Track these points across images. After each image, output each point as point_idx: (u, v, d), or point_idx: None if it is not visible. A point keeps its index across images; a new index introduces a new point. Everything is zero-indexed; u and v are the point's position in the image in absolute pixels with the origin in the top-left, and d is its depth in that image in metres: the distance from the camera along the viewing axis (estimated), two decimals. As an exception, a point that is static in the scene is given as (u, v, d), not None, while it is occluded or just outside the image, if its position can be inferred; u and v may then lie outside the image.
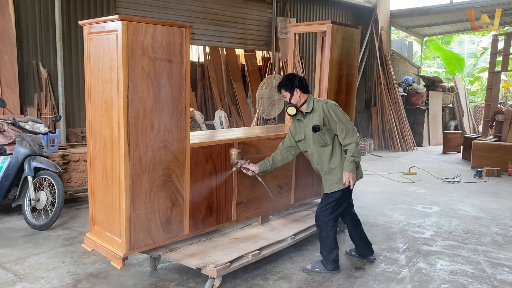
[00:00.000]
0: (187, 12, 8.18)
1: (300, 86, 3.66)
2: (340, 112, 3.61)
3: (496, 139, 9.35)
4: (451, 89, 13.51)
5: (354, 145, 3.55)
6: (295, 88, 3.65)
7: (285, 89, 3.71)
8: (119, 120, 3.05)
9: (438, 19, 12.90)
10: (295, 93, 3.65)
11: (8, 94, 6.22)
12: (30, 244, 4.33)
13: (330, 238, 3.73)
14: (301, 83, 3.67)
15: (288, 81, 3.69)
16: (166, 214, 3.38)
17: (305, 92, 3.68)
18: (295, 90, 3.65)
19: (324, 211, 3.73)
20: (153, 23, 3.11)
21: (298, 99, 3.67)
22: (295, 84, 3.65)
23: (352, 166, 3.57)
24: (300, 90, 3.65)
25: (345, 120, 3.59)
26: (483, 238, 4.86)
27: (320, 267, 3.79)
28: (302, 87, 3.66)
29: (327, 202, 3.73)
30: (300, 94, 3.66)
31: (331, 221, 3.72)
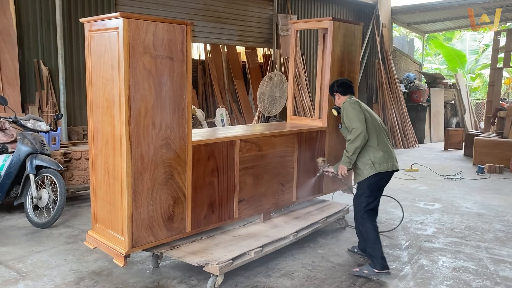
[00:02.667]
0: (188, 10, 8.18)
1: (339, 90, 4.12)
2: (351, 111, 3.83)
3: (498, 135, 9.33)
4: (452, 85, 13.49)
5: (349, 143, 3.79)
6: (334, 92, 4.15)
7: (330, 94, 4.30)
8: (121, 118, 3.05)
9: (439, 15, 12.86)
10: (336, 97, 4.15)
11: (9, 92, 6.23)
12: (32, 242, 4.34)
13: (369, 231, 3.80)
14: (339, 88, 4.11)
15: (330, 88, 4.26)
16: (168, 212, 3.38)
17: (344, 94, 4.09)
18: (335, 94, 4.15)
19: (356, 206, 3.91)
20: (155, 20, 3.11)
21: (338, 101, 4.14)
22: (334, 89, 4.15)
23: (343, 159, 3.87)
24: (339, 93, 4.11)
25: (353, 118, 3.79)
26: (486, 234, 4.85)
27: (368, 269, 3.72)
28: (341, 91, 4.11)
29: (356, 194, 3.96)
30: (339, 97, 4.11)
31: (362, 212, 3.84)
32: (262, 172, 4.13)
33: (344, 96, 4.10)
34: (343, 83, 4.13)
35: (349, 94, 4.10)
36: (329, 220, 4.58)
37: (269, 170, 4.20)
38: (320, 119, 4.88)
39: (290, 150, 4.43)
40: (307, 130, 4.61)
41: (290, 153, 4.43)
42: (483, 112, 13.52)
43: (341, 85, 4.11)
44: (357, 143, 3.73)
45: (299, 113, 9.32)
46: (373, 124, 3.87)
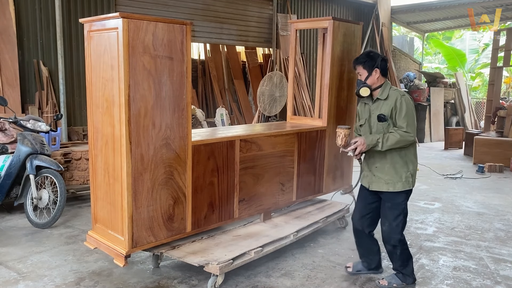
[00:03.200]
0: (187, 9, 8.18)
1: (382, 66, 3.30)
2: (411, 109, 3.25)
3: (498, 134, 9.33)
4: (452, 85, 13.48)
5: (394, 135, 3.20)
6: (376, 67, 3.28)
7: (363, 67, 3.32)
8: (121, 118, 3.05)
9: (439, 14, 12.86)
10: (374, 73, 3.29)
11: (9, 92, 6.23)
12: (32, 243, 4.34)
13: (404, 253, 3.45)
14: (383, 64, 3.31)
15: (368, 58, 3.31)
16: (168, 212, 3.38)
17: (384, 75, 3.33)
18: (374, 69, 3.28)
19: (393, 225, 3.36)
20: (154, 20, 3.10)
21: (375, 80, 3.30)
22: (377, 63, 3.28)
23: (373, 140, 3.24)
24: (380, 71, 3.30)
25: (411, 121, 3.23)
26: (486, 234, 4.85)
27: (397, 282, 3.49)
28: (384, 69, 3.31)
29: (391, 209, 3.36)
30: (378, 76, 3.30)
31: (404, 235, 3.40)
32: (262, 172, 4.13)
33: (383, 77, 3.34)
34: (387, 60, 3.37)
35: (386, 76, 3.38)
36: (329, 220, 4.58)
37: (269, 170, 4.20)
38: (320, 119, 4.88)
39: (290, 150, 4.42)
40: (307, 130, 4.61)
41: (290, 153, 4.43)
42: (483, 111, 13.52)
43: (385, 62, 3.34)
44: (400, 144, 3.23)
45: (299, 112, 9.32)
46: None
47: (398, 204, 3.34)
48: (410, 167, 3.33)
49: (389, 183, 3.33)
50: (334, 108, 4.83)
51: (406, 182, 3.32)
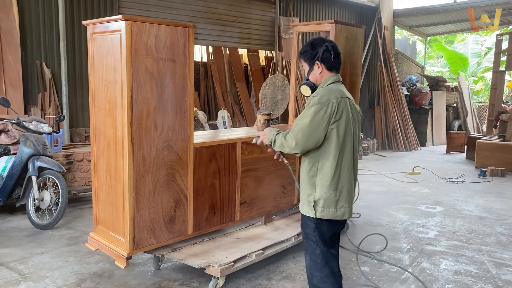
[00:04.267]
0: (190, 12, 8.19)
1: (324, 58, 2.62)
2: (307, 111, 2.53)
3: (500, 138, 9.32)
4: (455, 88, 13.47)
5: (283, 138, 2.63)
6: (316, 60, 2.63)
7: (304, 59, 2.70)
8: (123, 120, 3.06)
9: (441, 18, 12.86)
10: (315, 67, 2.65)
11: (12, 94, 6.24)
12: (34, 244, 4.35)
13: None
14: (327, 55, 2.61)
15: (309, 48, 2.66)
16: (169, 214, 3.39)
17: (330, 69, 2.65)
18: (315, 63, 2.64)
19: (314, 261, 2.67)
20: (157, 23, 3.12)
21: (317, 77, 2.67)
22: (318, 54, 2.61)
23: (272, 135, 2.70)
24: (323, 64, 2.63)
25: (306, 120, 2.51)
26: (487, 238, 4.84)
27: None
28: (327, 60, 2.62)
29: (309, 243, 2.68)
30: (322, 70, 2.64)
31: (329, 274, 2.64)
32: (263, 175, 4.13)
33: (330, 71, 2.65)
34: (335, 50, 2.63)
35: (335, 70, 2.67)
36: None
37: (271, 172, 4.20)
38: (322, 122, 4.87)
39: (292, 153, 4.42)
40: (309, 133, 4.60)
41: (292, 155, 4.41)
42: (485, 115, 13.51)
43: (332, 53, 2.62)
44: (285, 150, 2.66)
45: (301, 115, 9.30)
46: (338, 146, 2.54)
47: (308, 234, 2.66)
48: (316, 191, 2.58)
49: (301, 203, 2.70)
50: (336, 111, 4.82)
51: (309, 207, 2.60)
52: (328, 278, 2.63)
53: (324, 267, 2.63)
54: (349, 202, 2.65)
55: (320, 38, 2.70)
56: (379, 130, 11.62)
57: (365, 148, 10.35)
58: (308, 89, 2.70)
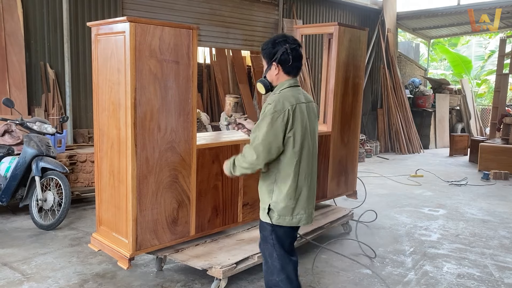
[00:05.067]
0: (194, 14, 8.21)
1: (282, 60, 2.53)
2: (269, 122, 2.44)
3: (503, 141, 9.29)
4: (458, 91, 13.45)
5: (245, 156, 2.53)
6: (274, 61, 2.54)
7: (263, 56, 2.62)
8: (127, 121, 3.07)
9: (445, 21, 12.84)
10: (272, 67, 2.56)
11: (16, 94, 6.27)
12: (37, 244, 4.36)
13: None
14: (285, 57, 2.52)
15: (269, 46, 2.57)
16: (172, 215, 3.39)
17: (287, 73, 2.57)
18: (273, 63, 2.55)
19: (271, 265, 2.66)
20: (161, 24, 3.13)
21: (274, 77, 2.60)
22: (276, 55, 2.52)
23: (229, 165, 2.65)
24: (280, 66, 2.55)
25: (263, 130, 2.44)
26: (491, 241, 4.83)
27: None
28: (284, 63, 2.53)
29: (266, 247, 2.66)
30: (279, 72, 2.56)
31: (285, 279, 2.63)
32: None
33: (287, 75, 2.57)
34: (295, 53, 2.53)
35: (292, 75, 2.59)
36: (333, 225, 4.57)
37: None
38: (325, 124, 4.88)
39: (295, 155, 4.42)
40: (312, 135, 4.60)
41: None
42: (488, 118, 13.47)
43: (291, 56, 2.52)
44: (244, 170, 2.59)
45: (304, 117, 9.30)
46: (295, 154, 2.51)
47: (266, 237, 2.65)
48: (273, 198, 2.56)
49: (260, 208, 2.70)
50: (339, 113, 4.83)
51: (264, 213, 2.61)
52: (284, 283, 2.62)
53: (280, 272, 2.62)
54: (306, 209, 2.63)
55: (284, 36, 2.60)
56: (382, 132, 11.61)
57: (368, 151, 10.34)
58: (263, 87, 2.62)
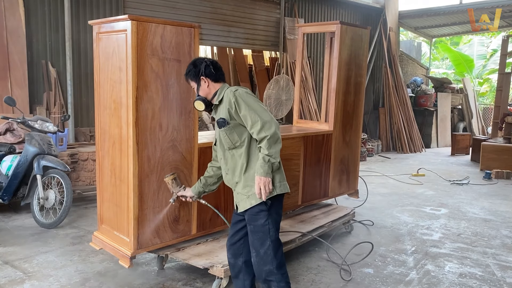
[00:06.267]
0: (195, 12, 8.20)
1: (208, 73, 2.80)
2: (252, 100, 2.70)
3: (505, 141, 9.27)
4: (460, 90, 13.42)
5: (271, 140, 2.61)
6: (201, 76, 2.80)
7: (190, 78, 2.87)
8: (128, 119, 3.07)
9: (447, 20, 12.81)
10: (202, 82, 2.81)
11: (17, 93, 6.27)
12: (38, 243, 4.36)
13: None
14: (208, 70, 2.80)
15: (192, 67, 2.84)
16: (173, 214, 3.39)
17: (216, 81, 2.83)
18: (201, 78, 2.80)
19: (263, 255, 2.73)
20: (163, 23, 3.12)
21: (206, 90, 2.83)
22: (201, 70, 2.80)
23: (266, 168, 2.62)
24: (208, 78, 2.80)
25: (260, 109, 2.66)
26: (493, 240, 4.82)
27: None
28: (211, 75, 2.81)
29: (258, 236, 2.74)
30: (208, 84, 2.81)
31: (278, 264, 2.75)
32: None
33: (216, 83, 2.83)
34: (214, 64, 2.84)
35: (221, 81, 2.86)
36: (334, 224, 4.56)
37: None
38: (326, 123, 4.87)
39: (296, 154, 4.42)
40: (313, 134, 4.61)
41: (296, 156, 4.42)
42: (490, 117, 13.43)
43: (210, 66, 2.80)
44: (279, 141, 2.66)
45: (305, 116, 9.31)
46: None
47: (258, 226, 2.74)
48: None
49: (247, 200, 2.76)
50: (340, 112, 4.82)
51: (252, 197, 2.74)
52: (278, 269, 2.73)
53: (274, 258, 2.73)
54: None
55: (199, 57, 2.92)
56: (384, 131, 11.59)
57: (369, 150, 10.32)
58: (202, 103, 2.84)
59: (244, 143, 2.75)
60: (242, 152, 2.76)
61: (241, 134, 2.75)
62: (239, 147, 2.76)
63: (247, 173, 2.76)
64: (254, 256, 2.77)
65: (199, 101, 2.84)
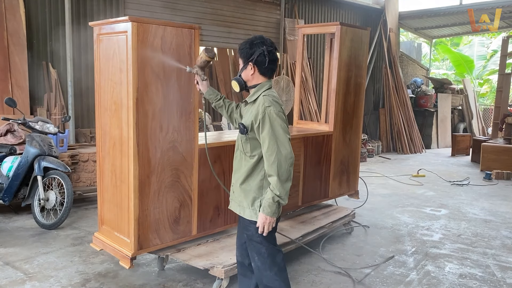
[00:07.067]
0: (195, 14, 8.21)
1: (258, 61, 2.61)
2: (279, 125, 2.48)
3: (505, 141, 9.27)
4: (460, 91, 13.42)
5: (282, 181, 2.45)
6: (250, 61, 2.63)
7: (240, 55, 2.71)
8: (129, 120, 3.07)
9: (447, 20, 12.82)
10: (248, 67, 2.65)
11: (18, 94, 6.28)
12: (39, 243, 4.37)
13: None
14: (262, 59, 2.60)
15: (247, 47, 2.65)
16: (174, 215, 3.40)
17: (263, 74, 2.66)
18: (249, 63, 2.64)
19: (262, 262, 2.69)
20: (163, 24, 3.13)
21: (250, 77, 2.67)
22: (254, 56, 2.60)
23: (274, 209, 2.49)
24: (256, 66, 2.63)
25: (282, 139, 2.47)
26: (493, 241, 4.82)
27: None
28: (261, 65, 2.62)
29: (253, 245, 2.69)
30: (254, 72, 2.65)
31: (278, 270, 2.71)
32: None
33: (262, 75, 2.66)
34: (271, 55, 2.62)
35: (268, 76, 2.68)
36: (335, 225, 4.57)
37: None
38: (327, 124, 4.88)
39: (296, 154, 4.42)
40: (314, 135, 4.61)
41: (296, 157, 4.43)
42: (490, 118, 13.43)
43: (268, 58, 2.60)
44: (290, 179, 2.49)
45: (306, 117, 9.32)
46: None
47: (252, 236, 2.67)
48: (263, 193, 2.61)
49: (240, 206, 2.70)
50: (340, 113, 4.83)
51: (253, 211, 2.62)
52: (278, 275, 2.69)
53: (272, 265, 2.68)
54: None
55: (261, 38, 2.66)
56: (384, 132, 11.59)
57: (369, 151, 10.33)
58: (237, 85, 2.71)
59: (254, 158, 2.62)
60: (248, 164, 2.65)
61: (255, 148, 2.61)
62: (249, 157, 2.65)
63: (243, 185, 2.67)
64: (256, 262, 2.74)
65: (236, 82, 2.70)
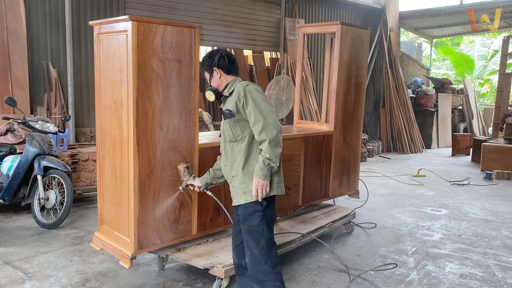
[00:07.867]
0: (196, 13, 8.21)
1: (221, 64, 2.89)
2: (260, 98, 2.74)
3: (506, 141, 9.26)
4: (460, 91, 13.42)
5: (272, 144, 2.67)
6: (214, 67, 2.90)
7: (204, 69, 2.97)
8: (129, 120, 3.07)
9: (447, 20, 12.81)
10: (214, 73, 2.90)
11: (18, 93, 6.28)
12: (39, 243, 4.36)
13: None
14: (222, 61, 2.89)
15: (206, 59, 2.95)
16: (174, 214, 3.39)
17: (228, 73, 2.92)
18: (213, 69, 2.90)
19: (258, 255, 2.78)
20: (163, 23, 3.13)
21: (218, 81, 2.91)
22: (214, 62, 2.89)
23: (265, 172, 2.68)
24: (220, 70, 2.90)
25: (265, 109, 2.71)
26: (493, 241, 4.81)
27: None
28: (224, 67, 2.90)
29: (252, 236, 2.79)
30: (221, 75, 2.90)
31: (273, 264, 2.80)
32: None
33: (228, 75, 2.92)
34: (229, 57, 2.93)
35: (234, 74, 2.95)
36: (335, 225, 4.56)
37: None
38: (327, 123, 4.87)
39: (297, 154, 4.42)
40: (314, 134, 4.61)
41: (297, 157, 4.42)
42: (491, 118, 13.43)
43: (225, 58, 2.90)
44: (280, 145, 2.71)
45: (306, 117, 9.32)
46: None
47: (253, 226, 2.79)
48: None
49: (245, 193, 2.82)
50: (341, 113, 4.82)
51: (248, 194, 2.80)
52: (272, 268, 2.79)
53: (268, 258, 2.78)
54: None
55: (215, 49, 3.01)
56: (384, 132, 11.59)
57: (370, 150, 10.32)
58: (212, 94, 2.92)
59: (245, 139, 2.80)
60: (242, 148, 2.81)
61: (244, 129, 2.79)
62: (240, 141, 2.82)
63: (245, 169, 2.80)
64: (249, 256, 2.82)
65: (210, 91, 2.92)
